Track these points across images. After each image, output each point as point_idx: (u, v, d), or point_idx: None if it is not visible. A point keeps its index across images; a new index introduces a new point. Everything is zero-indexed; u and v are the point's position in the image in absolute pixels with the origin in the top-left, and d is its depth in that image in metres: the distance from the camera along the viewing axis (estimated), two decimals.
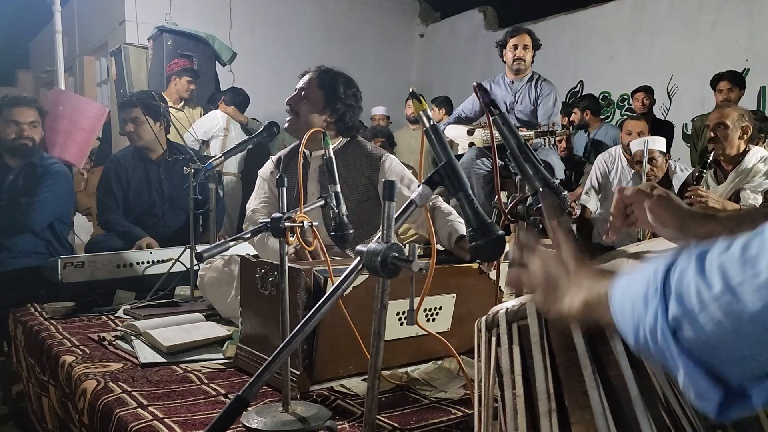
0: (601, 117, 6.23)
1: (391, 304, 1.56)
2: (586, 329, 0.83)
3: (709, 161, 3.36)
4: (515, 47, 4.09)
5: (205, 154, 4.61)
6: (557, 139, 4.33)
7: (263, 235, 1.57)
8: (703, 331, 0.55)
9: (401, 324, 1.64)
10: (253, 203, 2.37)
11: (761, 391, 0.57)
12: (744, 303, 0.52)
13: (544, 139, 3.83)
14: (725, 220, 1.00)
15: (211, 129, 5.13)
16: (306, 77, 2.31)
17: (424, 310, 1.69)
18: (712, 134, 3.39)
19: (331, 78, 2.28)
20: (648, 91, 5.63)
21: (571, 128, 5.79)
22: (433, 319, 1.72)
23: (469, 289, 1.77)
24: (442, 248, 2.05)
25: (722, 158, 3.44)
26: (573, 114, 6.01)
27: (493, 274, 1.79)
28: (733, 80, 4.81)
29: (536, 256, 0.83)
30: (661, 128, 5.25)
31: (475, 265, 1.80)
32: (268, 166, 2.43)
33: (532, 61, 4.18)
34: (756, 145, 3.53)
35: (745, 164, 3.37)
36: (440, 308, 1.73)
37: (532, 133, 3.83)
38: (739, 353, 0.55)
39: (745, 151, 3.42)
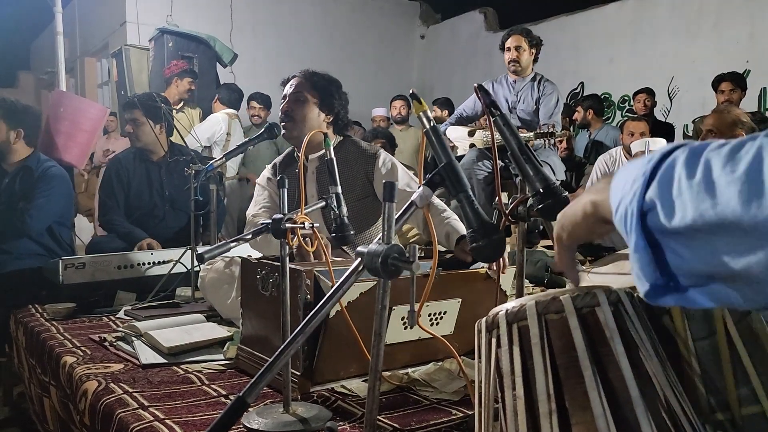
0: (604, 118, 6.23)
1: (396, 309, 1.57)
2: (585, 323, 0.83)
3: None
4: (509, 49, 4.11)
5: (206, 155, 4.61)
6: (557, 139, 4.33)
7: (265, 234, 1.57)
8: (670, 218, 0.55)
9: (405, 328, 1.64)
10: (252, 210, 2.38)
11: (702, 293, 0.57)
12: (716, 197, 0.51)
13: (545, 140, 3.83)
14: None
15: (214, 135, 5.11)
16: (295, 81, 2.31)
17: (429, 315, 1.69)
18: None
19: (321, 78, 2.31)
20: (649, 92, 5.64)
21: (572, 128, 5.79)
22: (437, 324, 1.72)
23: (476, 295, 1.77)
24: (442, 248, 2.05)
25: None
26: (576, 112, 6.01)
27: (501, 282, 1.78)
28: (735, 81, 4.82)
29: None
30: (661, 130, 5.26)
31: (482, 270, 1.80)
32: (265, 173, 2.45)
33: (536, 60, 4.18)
34: None
35: None
36: (445, 313, 1.73)
37: (531, 134, 3.83)
38: (695, 249, 0.54)
39: None
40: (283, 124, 2.31)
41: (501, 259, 1.77)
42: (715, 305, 0.58)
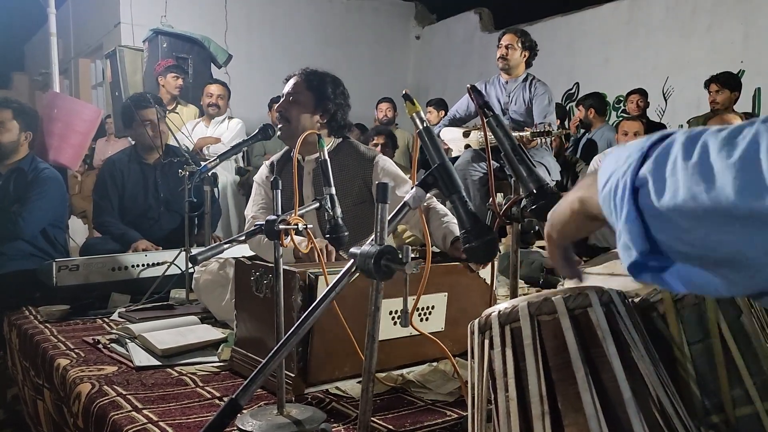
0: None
1: (384, 302, 1.56)
2: (577, 325, 0.83)
3: None
4: (500, 47, 4.13)
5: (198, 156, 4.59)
6: (552, 139, 4.33)
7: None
8: (660, 196, 0.55)
9: (395, 324, 1.64)
10: (251, 210, 2.36)
11: (680, 276, 0.57)
12: (711, 181, 0.51)
13: (540, 140, 3.84)
14: None
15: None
16: (292, 81, 2.30)
17: (417, 310, 1.69)
18: None
19: (318, 79, 2.28)
20: (642, 93, 5.65)
21: (577, 128, 5.77)
22: (427, 319, 1.72)
23: (461, 288, 1.77)
24: (438, 250, 2.05)
25: None
26: (578, 111, 5.99)
27: (483, 273, 1.79)
28: (723, 83, 4.84)
29: None
30: (655, 131, 5.26)
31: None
32: (263, 171, 2.43)
33: (529, 64, 4.18)
34: None
35: None
36: (432, 307, 1.73)
37: (528, 133, 3.83)
38: (683, 230, 0.54)
39: None
40: (278, 125, 2.30)
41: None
42: (686, 289, 0.57)
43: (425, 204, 2.10)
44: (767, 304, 0.55)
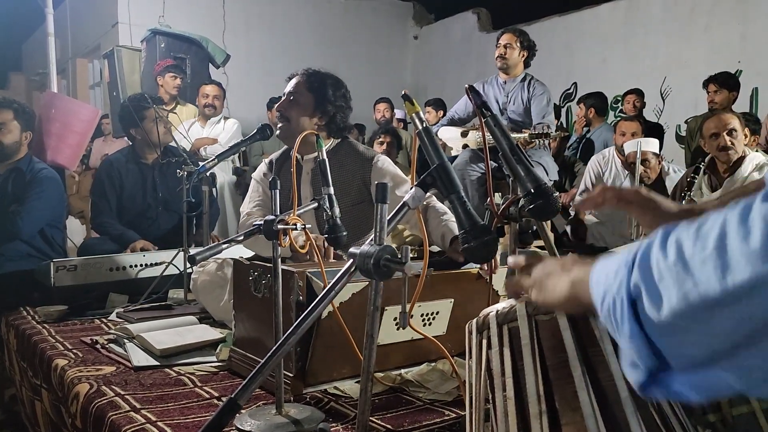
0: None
1: (389, 310, 1.57)
2: (574, 324, 0.83)
3: (703, 167, 3.36)
4: (499, 46, 4.13)
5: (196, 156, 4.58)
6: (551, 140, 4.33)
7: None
8: (657, 301, 0.56)
9: (397, 329, 1.64)
10: (247, 206, 2.36)
11: (691, 384, 0.57)
12: (693, 274, 0.53)
13: (539, 141, 3.84)
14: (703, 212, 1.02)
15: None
16: (294, 81, 2.29)
17: (421, 315, 1.69)
18: (728, 141, 3.33)
19: (319, 80, 2.27)
20: (638, 93, 5.65)
21: (584, 127, 5.76)
22: (430, 324, 1.72)
23: (468, 295, 1.77)
24: (437, 249, 2.05)
25: (726, 164, 3.42)
26: (578, 109, 5.97)
27: (494, 283, 1.78)
28: (721, 83, 4.84)
29: (533, 262, 0.85)
30: (652, 130, 5.26)
31: (474, 270, 1.81)
32: (262, 168, 2.43)
33: (527, 64, 4.18)
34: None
35: (742, 173, 3.35)
36: (437, 313, 1.73)
37: (527, 134, 3.84)
38: (689, 333, 0.55)
39: (742, 157, 3.41)
40: (278, 124, 2.30)
41: (492, 260, 1.77)
42: (701, 398, 0.58)
43: (424, 203, 2.10)
44: None
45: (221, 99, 5.17)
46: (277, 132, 2.30)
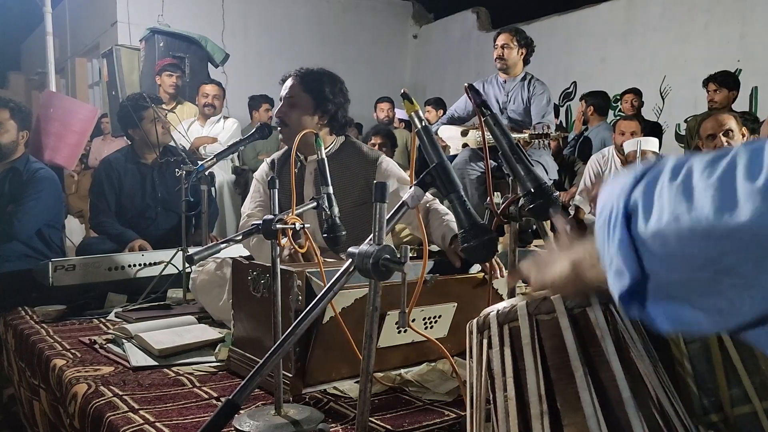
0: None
1: (391, 314, 1.56)
2: (575, 324, 0.83)
3: None
4: (497, 47, 4.13)
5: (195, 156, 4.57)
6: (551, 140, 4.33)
7: (260, 239, 1.55)
8: (647, 219, 0.56)
9: (399, 332, 1.63)
10: (248, 207, 2.35)
11: (664, 311, 0.58)
12: (692, 198, 0.52)
13: (539, 141, 3.83)
14: None
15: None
16: (288, 84, 2.27)
17: (424, 319, 1.68)
18: (725, 142, 3.33)
19: (315, 79, 2.25)
20: (636, 92, 5.64)
21: (583, 125, 5.75)
22: (431, 327, 1.71)
23: (471, 299, 1.75)
24: (437, 249, 2.04)
25: None
26: (579, 105, 5.96)
27: (496, 284, 1.77)
28: (721, 82, 4.84)
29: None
30: (651, 129, 5.26)
31: (479, 275, 1.80)
32: (263, 168, 2.41)
33: (527, 62, 4.18)
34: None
35: None
36: (440, 317, 1.72)
37: (527, 135, 3.83)
38: (671, 251, 0.55)
39: None
40: (279, 129, 2.29)
41: (496, 262, 1.77)
42: (671, 328, 0.58)
43: (426, 205, 2.09)
44: (754, 339, 0.55)
45: (221, 98, 5.17)
46: (280, 137, 2.29)
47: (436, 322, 1.72)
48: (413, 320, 1.62)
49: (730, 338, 0.93)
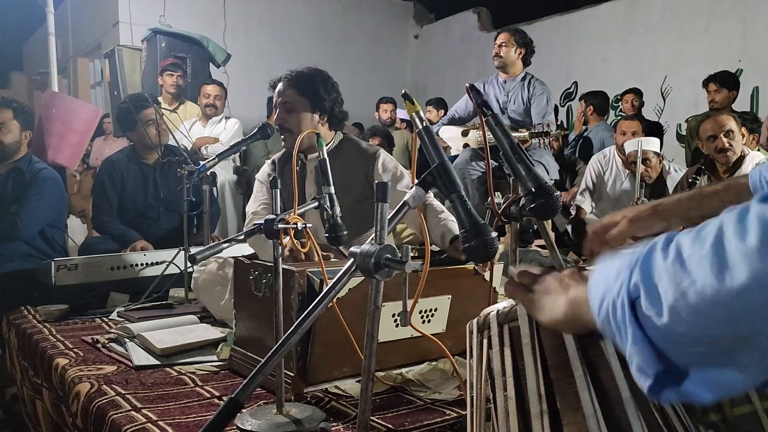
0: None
1: (387, 306, 1.57)
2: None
3: (702, 167, 3.36)
4: (495, 46, 4.14)
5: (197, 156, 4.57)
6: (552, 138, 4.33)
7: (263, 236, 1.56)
8: (656, 302, 0.56)
9: (396, 326, 1.64)
10: (252, 207, 2.36)
11: (701, 382, 0.57)
12: (690, 273, 0.53)
13: (539, 140, 3.84)
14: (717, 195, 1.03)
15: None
16: (280, 88, 2.28)
17: (420, 312, 1.69)
18: (726, 143, 3.33)
19: (308, 80, 2.26)
20: (637, 92, 5.64)
21: (583, 125, 5.75)
22: (429, 321, 1.72)
23: (465, 291, 1.77)
24: (436, 248, 2.05)
25: (725, 165, 3.42)
26: (579, 104, 5.96)
27: (488, 275, 1.78)
28: (721, 82, 4.84)
29: (531, 275, 0.84)
30: (652, 129, 5.26)
31: (470, 266, 1.80)
32: (266, 169, 2.42)
33: (527, 62, 4.18)
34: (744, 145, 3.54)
35: (743, 173, 3.35)
36: (435, 310, 1.73)
37: (527, 133, 3.84)
38: (685, 331, 0.55)
39: (742, 157, 3.41)
40: (281, 135, 2.30)
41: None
42: (714, 397, 0.58)
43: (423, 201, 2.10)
44: None
45: (222, 99, 5.17)
46: (283, 143, 2.31)
47: (432, 315, 1.72)
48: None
49: None
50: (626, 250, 0.63)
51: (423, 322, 1.70)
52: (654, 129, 5.43)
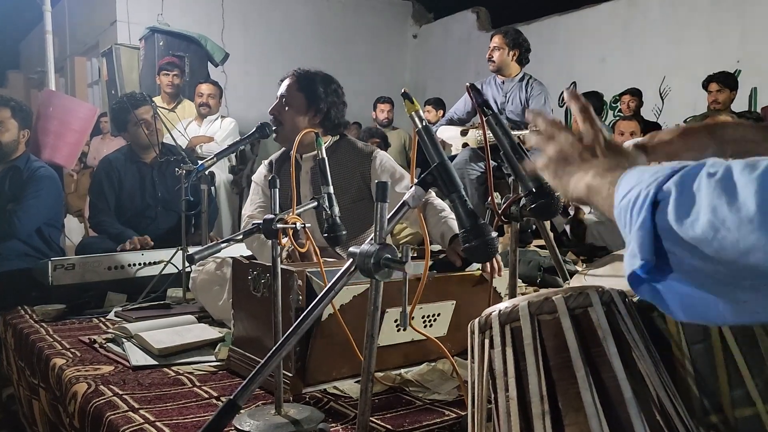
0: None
1: (389, 312, 1.56)
2: (577, 324, 0.82)
3: None
4: (489, 48, 4.15)
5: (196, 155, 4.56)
6: None
7: (261, 238, 1.55)
8: (685, 209, 0.56)
9: (398, 330, 1.63)
10: (248, 209, 2.35)
11: (680, 296, 0.57)
12: (735, 195, 0.53)
13: None
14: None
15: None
16: (284, 83, 2.29)
17: (423, 317, 1.68)
18: None
19: (308, 79, 2.27)
20: (634, 93, 5.65)
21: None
22: (431, 325, 1.71)
23: (470, 297, 1.76)
24: (437, 248, 2.04)
25: None
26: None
27: (495, 282, 1.77)
28: (723, 82, 4.84)
29: (562, 131, 0.84)
30: (650, 130, 5.26)
31: (477, 272, 1.80)
32: (261, 170, 2.42)
33: (522, 62, 4.18)
34: None
35: None
36: (438, 315, 1.72)
37: (527, 132, 3.83)
38: (702, 242, 0.55)
39: None
40: (273, 127, 2.29)
41: (496, 261, 1.77)
42: (683, 316, 0.58)
43: (423, 199, 2.09)
44: None
45: (216, 98, 5.15)
46: (274, 136, 2.29)
47: (435, 320, 1.71)
48: (412, 318, 1.62)
49: (734, 340, 0.93)
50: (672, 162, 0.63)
51: (425, 326, 1.69)
52: (652, 129, 5.43)
